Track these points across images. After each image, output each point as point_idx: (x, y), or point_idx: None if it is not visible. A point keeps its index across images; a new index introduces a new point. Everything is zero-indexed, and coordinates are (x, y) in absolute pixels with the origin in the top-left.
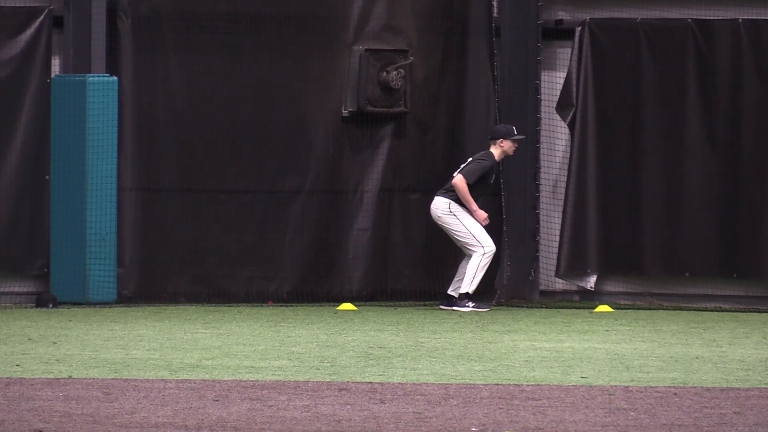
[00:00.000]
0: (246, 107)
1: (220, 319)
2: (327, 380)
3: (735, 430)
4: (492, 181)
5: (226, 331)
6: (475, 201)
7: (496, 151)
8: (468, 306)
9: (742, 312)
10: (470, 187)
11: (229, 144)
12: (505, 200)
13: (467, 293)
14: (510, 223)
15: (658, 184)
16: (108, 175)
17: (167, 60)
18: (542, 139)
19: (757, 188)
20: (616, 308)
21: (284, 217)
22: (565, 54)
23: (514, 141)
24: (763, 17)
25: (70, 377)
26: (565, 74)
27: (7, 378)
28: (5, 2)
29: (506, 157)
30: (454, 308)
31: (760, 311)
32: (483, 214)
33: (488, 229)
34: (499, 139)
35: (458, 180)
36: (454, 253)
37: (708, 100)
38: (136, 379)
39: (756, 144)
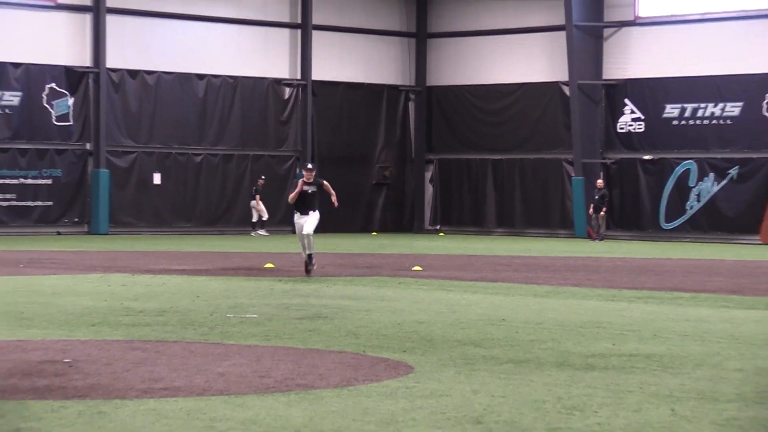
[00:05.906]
0: None
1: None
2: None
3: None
4: (306, 197)
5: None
6: (307, 206)
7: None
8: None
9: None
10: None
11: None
12: (407, 199)
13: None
14: (415, 206)
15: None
16: None
17: None
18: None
19: None
20: (447, 233)
21: None
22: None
23: (303, 172)
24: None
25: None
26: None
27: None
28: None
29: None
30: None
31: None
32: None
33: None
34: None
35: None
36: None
37: None
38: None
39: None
